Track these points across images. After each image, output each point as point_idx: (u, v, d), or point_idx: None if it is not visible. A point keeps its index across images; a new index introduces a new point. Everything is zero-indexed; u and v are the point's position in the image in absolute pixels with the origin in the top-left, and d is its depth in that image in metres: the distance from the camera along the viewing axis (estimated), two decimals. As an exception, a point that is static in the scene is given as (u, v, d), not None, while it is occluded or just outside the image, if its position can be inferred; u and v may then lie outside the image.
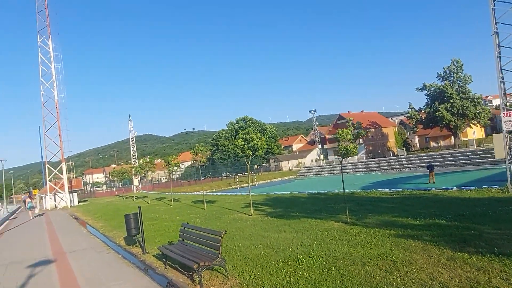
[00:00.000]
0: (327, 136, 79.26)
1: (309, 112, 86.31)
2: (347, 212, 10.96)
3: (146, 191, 46.40)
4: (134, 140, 48.34)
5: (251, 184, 53.18)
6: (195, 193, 39.68)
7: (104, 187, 79.71)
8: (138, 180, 45.34)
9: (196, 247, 7.51)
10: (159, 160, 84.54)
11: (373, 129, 70.15)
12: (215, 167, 76.31)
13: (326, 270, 6.32)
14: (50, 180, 34.06)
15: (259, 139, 14.98)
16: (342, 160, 11.69)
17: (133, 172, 33.10)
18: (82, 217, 22.58)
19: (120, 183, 72.01)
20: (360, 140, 69.57)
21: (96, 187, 77.78)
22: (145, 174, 28.21)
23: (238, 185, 49.22)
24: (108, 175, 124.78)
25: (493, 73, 14.48)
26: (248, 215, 14.56)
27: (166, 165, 21.30)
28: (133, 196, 36.26)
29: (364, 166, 55.45)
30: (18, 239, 15.55)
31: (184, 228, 8.28)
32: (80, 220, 21.09)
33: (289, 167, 75.28)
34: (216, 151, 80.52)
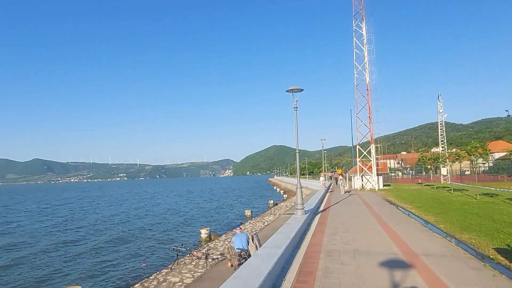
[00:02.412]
0: None
1: None
2: None
3: (455, 183, 39.20)
4: (444, 124, 41.77)
5: None
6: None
7: (400, 173, 77.70)
8: (447, 170, 38.86)
9: None
10: (453, 150, 73.23)
11: None
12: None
13: None
14: (359, 161, 34.83)
15: None
16: None
17: (451, 158, 27.66)
18: (398, 203, 20.25)
19: (414, 171, 67.38)
20: None
21: (390, 173, 76.98)
22: (475, 161, 22.32)
23: None
24: (400, 162, 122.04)
25: None
26: None
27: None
28: (446, 188, 30.84)
29: None
30: (346, 218, 14.87)
31: None
32: (398, 206, 18.79)
33: None
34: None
